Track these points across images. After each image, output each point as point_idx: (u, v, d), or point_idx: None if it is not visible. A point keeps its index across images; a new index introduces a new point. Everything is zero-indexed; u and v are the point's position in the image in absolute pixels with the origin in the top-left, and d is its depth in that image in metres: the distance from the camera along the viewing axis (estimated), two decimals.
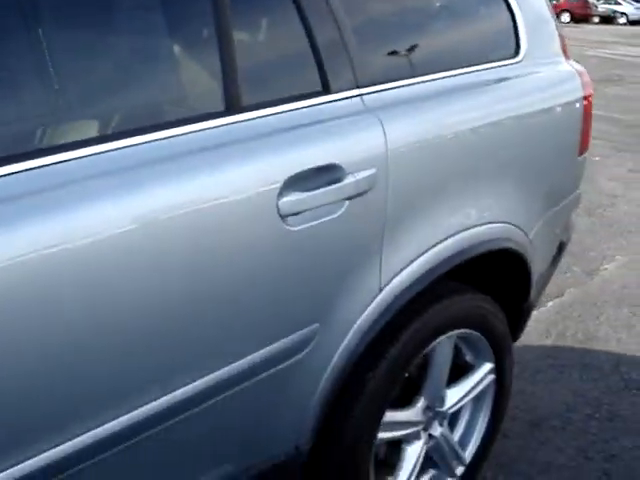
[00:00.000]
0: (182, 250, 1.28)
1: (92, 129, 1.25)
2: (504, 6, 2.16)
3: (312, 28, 1.51)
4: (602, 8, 37.45)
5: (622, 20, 37.14)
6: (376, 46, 1.74)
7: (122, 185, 1.20)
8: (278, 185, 1.36)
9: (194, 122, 1.31)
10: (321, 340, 1.55)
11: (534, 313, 3.53)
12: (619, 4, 39.06)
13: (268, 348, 1.45)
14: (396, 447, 2.01)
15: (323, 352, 1.58)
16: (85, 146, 1.16)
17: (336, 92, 1.55)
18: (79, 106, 1.30)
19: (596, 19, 35.77)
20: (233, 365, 1.40)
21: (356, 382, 1.69)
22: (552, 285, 3.76)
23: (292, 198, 1.37)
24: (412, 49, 1.84)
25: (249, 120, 1.38)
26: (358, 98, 1.59)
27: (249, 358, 1.42)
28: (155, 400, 1.27)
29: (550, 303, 3.76)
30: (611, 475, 2.46)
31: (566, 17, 34.53)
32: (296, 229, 1.40)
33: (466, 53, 2.04)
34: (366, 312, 1.63)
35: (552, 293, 3.83)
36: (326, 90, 1.54)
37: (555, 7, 34.93)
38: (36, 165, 1.11)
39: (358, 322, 1.62)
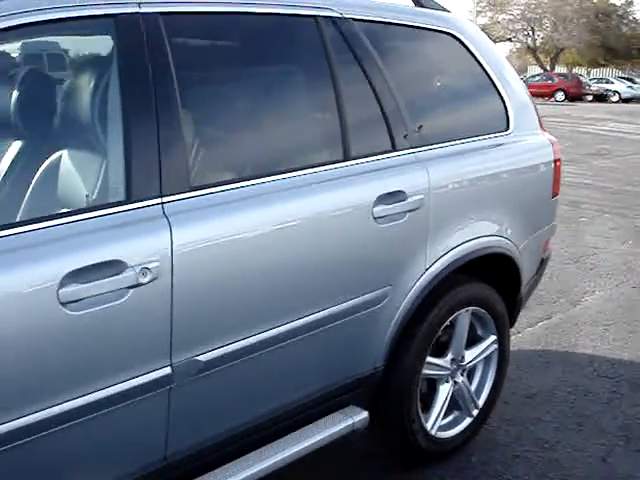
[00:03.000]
0: (315, 236, 2.31)
1: (279, 164, 2.31)
2: (498, 96, 3.25)
3: (383, 106, 2.59)
4: (595, 87, 39.16)
5: (615, 98, 38.77)
6: (419, 118, 2.80)
7: (291, 197, 2.25)
8: (371, 199, 2.42)
9: (324, 166, 2.38)
10: (392, 297, 2.59)
11: (528, 329, 4.56)
12: (611, 83, 40.86)
13: (362, 297, 2.48)
14: (432, 389, 3.01)
15: (393, 305, 2.61)
16: (281, 173, 2.23)
17: (399, 150, 2.63)
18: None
19: (589, 97, 37.35)
20: (342, 305, 2.41)
21: (411, 329, 2.71)
22: (542, 312, 4.83)
23: (382, 207, 2.43)
24: (439, 123, 2.94)
25: (355, 165, 2.45)
26: (412, 155, 2.67)
27: (351, 302, 2.45)
28: (304, 317, 2.29)
29: (540, 323, 4.76)
30: (583, 426, 3.42)
31: (561, 95, 36.06)
32: (382, 227, 2.46)
33: (473, 126, 3.11)
34: (417, 283, 2.67)
35: (542, 317, 4.85)
36: (393, 148, 2.62)
37: (551, 86, 36.64)
38: (268, 180, 2.16)
39: (413, 289, 2.66)
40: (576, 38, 45.30)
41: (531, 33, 47.88)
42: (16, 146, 2.07)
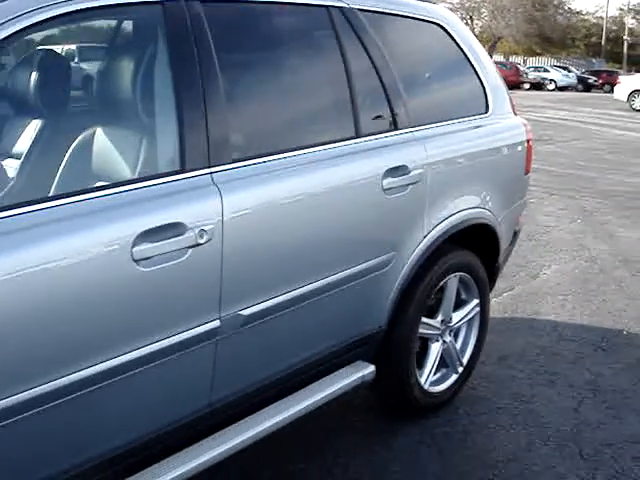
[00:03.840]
0: (331, 203, 2.56)
1: (304, 139, 2.55)
2: (478, 81, 3.54)
3: (386, 88, 2.86)
4: (532, 75, 40.23)
5: (551, 86, 39.92)
6: (414, 99, 3.07)
7: (315, 169, 2.50)
8: (381, 172, 2.69)
9: (342, 141, 2.64)
10: (395, 262, 2.87)
11: (494, 299, 4.90)
12: (548, 72, 42.00)
13: (372, 261, 2.75)
14: (424, 348, 3.30)
15: (396, 270, 2.89)
16: (306, 148, 2.47)
17: (400, 129, 2.90)
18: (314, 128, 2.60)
19: (527, 85, 38.37)
20: (355, 268, 2.68)
21: (410, 292, 2.99)
22: (505, 283, 5.17)
23: (389, 179, 2.70)
24: (430, 105, 3.23)
25: (366, 141, 2.72)
26: (411, 134, 2.95)
27: (363, 265, 2.72)
28: (324, 278, 2.54)
29: (505, 294, 5.12)
30: (554, 382, 3.78)
31: None
32: (389, 197, 2.73)
33: (458, 109, 3.41)
34: (416, 250, 2.95)
35: (506, 288, 5.21)
36: (395, 127, 2.89)
37: None
38: (296, 154, 2.41)
39: (413, 255, 2.94)
40: (513, 27, 46.41)
41: (469, 22, 48.75)
42: (85, 122, 2.26)
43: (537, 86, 39.01)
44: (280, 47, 2.64)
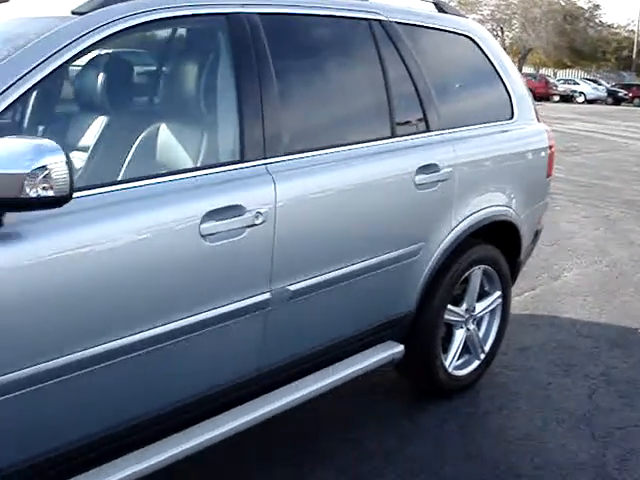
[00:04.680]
0: (369, 195, 2.86)
1: (347, 136, 2.85)
2: (504, 89, 3.82)
3: (420, 93, 3.16)
4: (562, 88, 40.22)
5: (580, 99, 39.87)
6: (445, 105, 3.37)
7: (356, 163, 2.80)
8: (414, 169, 2.99)
9: (380, 140, 2.94)
10: (424, 251, 3.16)
11: (516, 298, 5.15)
12: (577, 84, 41.96)
13: (404, 249, 3.05)
14: (449, 334, 3.58)
15: (425, 258, 3.17)
16: (348, 145, 2.77)
17: (432, 131, 3.20)
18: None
19: (556, 97, 38.38)
20: (389, 254, 2.97)
21: (437, 280, 3.28)
22: (527, 284, 5.42)
23: (421, 176, 3.00)
24: (460, 110, 3.52)
25: (401, 141, 3.01)
26: (442, 136, 3.24)
27: (396, 252, 3.01)
28: (362, 261, 2.84)
29: (526, 293, 5.37)
30: (571, 372, 4.03)
31: None
32: (420, 192, 3.03)
33: (486, 114, 3.69)
34: (444, 242, 3.24)
35: (528, 288, 5.46)
36: (427, 129, 3.18)
37: None
38: (339, 150, 2.72)
39: (440, 246, 3.23)
40: (544, 39, 46.46)
41: (500, 33, 48.89)
42: (158, 118, 2.58)
43: (566, 98, 39.04)
44: (326, 54, 2.95)
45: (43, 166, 1.71)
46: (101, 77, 2.51)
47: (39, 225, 1.88)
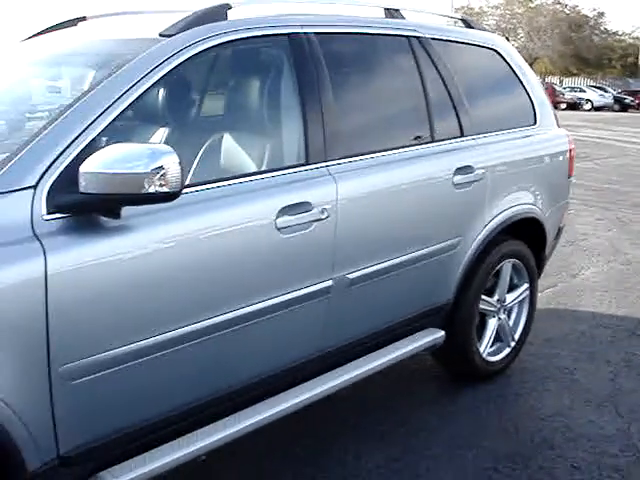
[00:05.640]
0: (414, 193, 3.19)
1: (393, 141, 3.18)
2: (527, 97, 4.15)
3: (454, 102, 3.48)
4: (569, 95, 40.51)
5: (587, 106, 40.11)
6: (475, 112, 3.69)
7: (402, 166, 3.13)
8: (452, 170, 3.32)
9: (421, 144, 3.27)
10: (462, 245, 3.48)
11: (539, 294, 5.43)
12: (584, 92, 42.24)
13: (443, 243, 3.37)
14: (482, 324, 3.89)
15: (463, 251, 3.49)
16: (394, 149, 3.11)
17: (466, 136, 3.52)
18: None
19: (563, 105, 38.65)
20: (430, 248, 3.30)
21: (473, 271, 3.59)
22: (548, 281, 5.73)
23: (458, 177, 3.33)
24: (489, 117, 3.84)
25: (440, 145, 3.34)
26: (474, 140, 3.57)
27: (435, 246, 3.32)
28: (408, 254, 3.16)
29: (548, 290, 5.68)
30: (594, 358, 4.33)
31: None
32: (458, 191, 3.35)
33: (512, 120, 4.01)
34: (479, 237, 3.56)
35: (549, 285, 5.77)
36: (462, 134, 3.51)
37: None
38: (387, 153, 3.05)
39: (476, 240, 3.55)
40: (549, 48, 46.88)
41: None
42: (235, 127, 2.92)
43: (573, 106, 39.30)
44: (373, 68, 3.29)
45: (160, 166, 2.04)
46: (190, 91, 2.86)
47: (150, 217, 2.21)
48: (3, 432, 1.98)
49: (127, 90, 2.32)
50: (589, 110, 39.41)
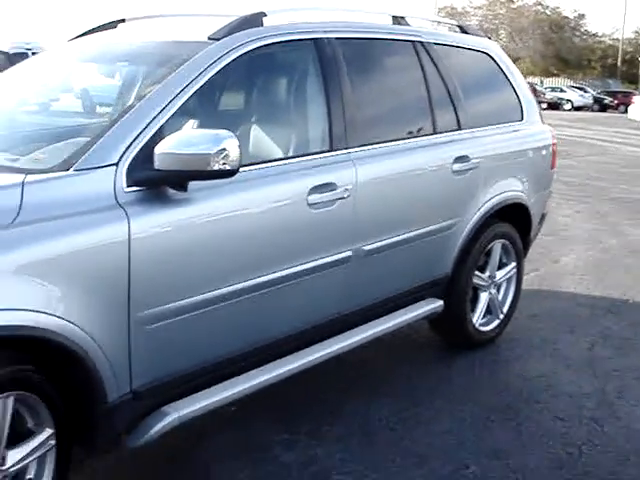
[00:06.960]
0: (419, 178, 3.66)
1: (401, 132, 3.65)
2: (515, 95, 4.63)
3: (453, 99, 3.96)
4: (550, 95, 41.23)
5: (567, 106, 40.87)
6: (470, 108, 4.16)
7: (410, 153, 3.60)
8: (452, 159, 3.79)
9: (425, 135, 3.74)
10: (459, 225, 3.95)
11: (524, 277, 5.93)
12: (564, 92, 42.98)
13: (443, 223, 3.84)
14: (475, 297, 4.36)
15: (459, 230, 3.97)
16: (404, 139, 3.58)
17: (462, 129, 4.00)
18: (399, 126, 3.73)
19: (544, 105, 39.30)
20: (433, 226, 3.76)
21: (468, 249, 4.07)
22: (531, 266, 6.22)
23: (457, 165, 3.80)
24: (481, 112, 4.32)
25: (441, 137, 3.81)
26: (470, 133, 4.04)
27: (436, 225, 3.80)
28: (414, 230, 3.63)
29: (532, 273, 6.16)
30: (574, 332, 4.82)
31: None
32: (456, 178, 3.82)
33: (500, 116, 4.49)
34: (473, 218, 4.04)
35: (533, 269, 6.26)
36: (459, 127, 3.99)
37: None
38: (405, 142, 3.53)
39: (470, 222, 4.02)
40: (531, 49, 47.72)
41: None
42: (272, 118, 3.40)
43: (554, 106, 40.07)
44: (384, 68, 3.78)
45: (223, 148, 2.48)
46: (236, 86, 3.33)
47: (211, 191, 2.67)
48: (90, 361, 2.40)
49: (188, 84, 2.76)
50: (569, 110, 40.21)
